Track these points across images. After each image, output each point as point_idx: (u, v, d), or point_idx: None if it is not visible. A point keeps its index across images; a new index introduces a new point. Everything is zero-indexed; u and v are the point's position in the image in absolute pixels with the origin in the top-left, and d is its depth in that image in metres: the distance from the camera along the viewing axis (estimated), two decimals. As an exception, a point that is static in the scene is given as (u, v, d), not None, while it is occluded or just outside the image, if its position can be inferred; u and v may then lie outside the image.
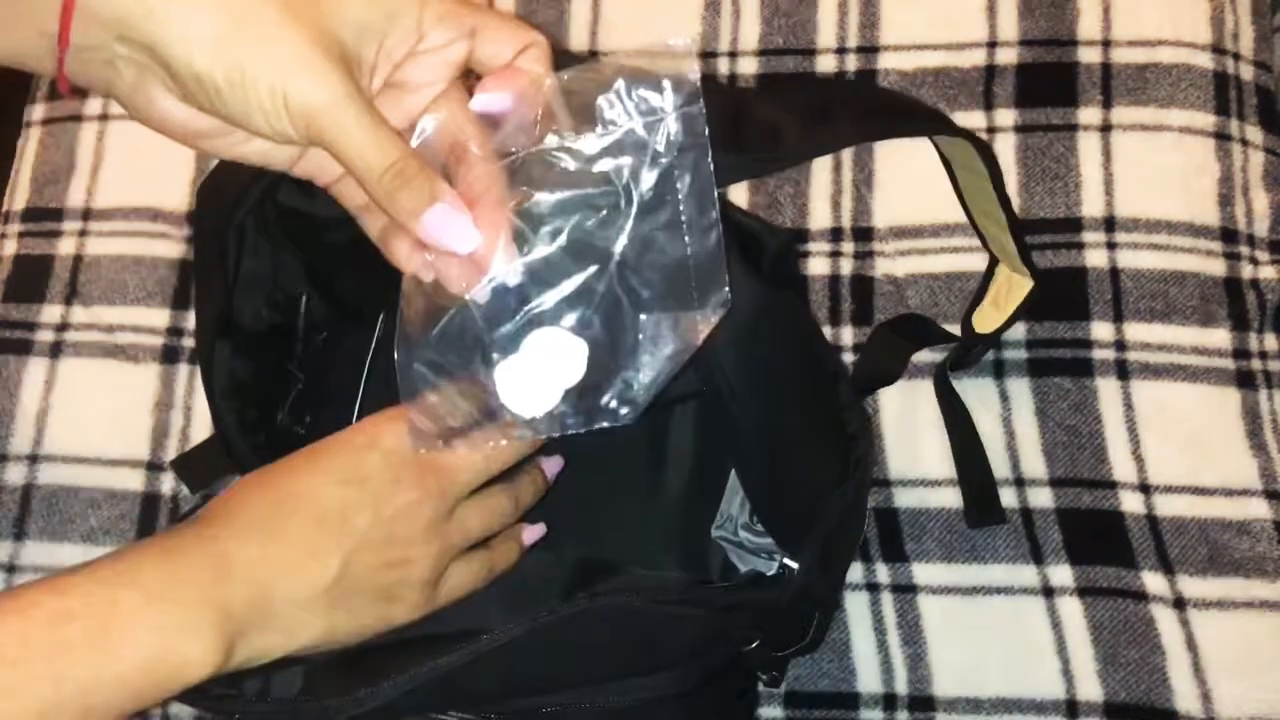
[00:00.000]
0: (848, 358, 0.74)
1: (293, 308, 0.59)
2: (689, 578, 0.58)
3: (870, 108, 0.51)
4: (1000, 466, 0.70)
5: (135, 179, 0.83)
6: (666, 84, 0.40)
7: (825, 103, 0.49)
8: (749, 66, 0.81)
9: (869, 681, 0.68)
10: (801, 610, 0.56)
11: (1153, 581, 0.67)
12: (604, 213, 0.42)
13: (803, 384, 0.51)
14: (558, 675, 0.51)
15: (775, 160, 0.46)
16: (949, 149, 0.57)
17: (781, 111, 0.47)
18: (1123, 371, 0.71)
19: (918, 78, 0.79)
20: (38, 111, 0.86)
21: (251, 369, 0.54)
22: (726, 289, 0.42)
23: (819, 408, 0.53)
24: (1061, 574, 0.68)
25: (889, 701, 0.67)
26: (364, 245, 0.46)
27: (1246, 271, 0.73)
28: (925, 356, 0.73)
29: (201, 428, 0.76)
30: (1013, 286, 0.67)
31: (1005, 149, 0.76)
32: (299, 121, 0.40)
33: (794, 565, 0.51)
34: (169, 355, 0.78)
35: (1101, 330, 0.72)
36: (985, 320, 0.69)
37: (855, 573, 0.69)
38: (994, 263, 0.69)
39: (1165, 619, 0.66)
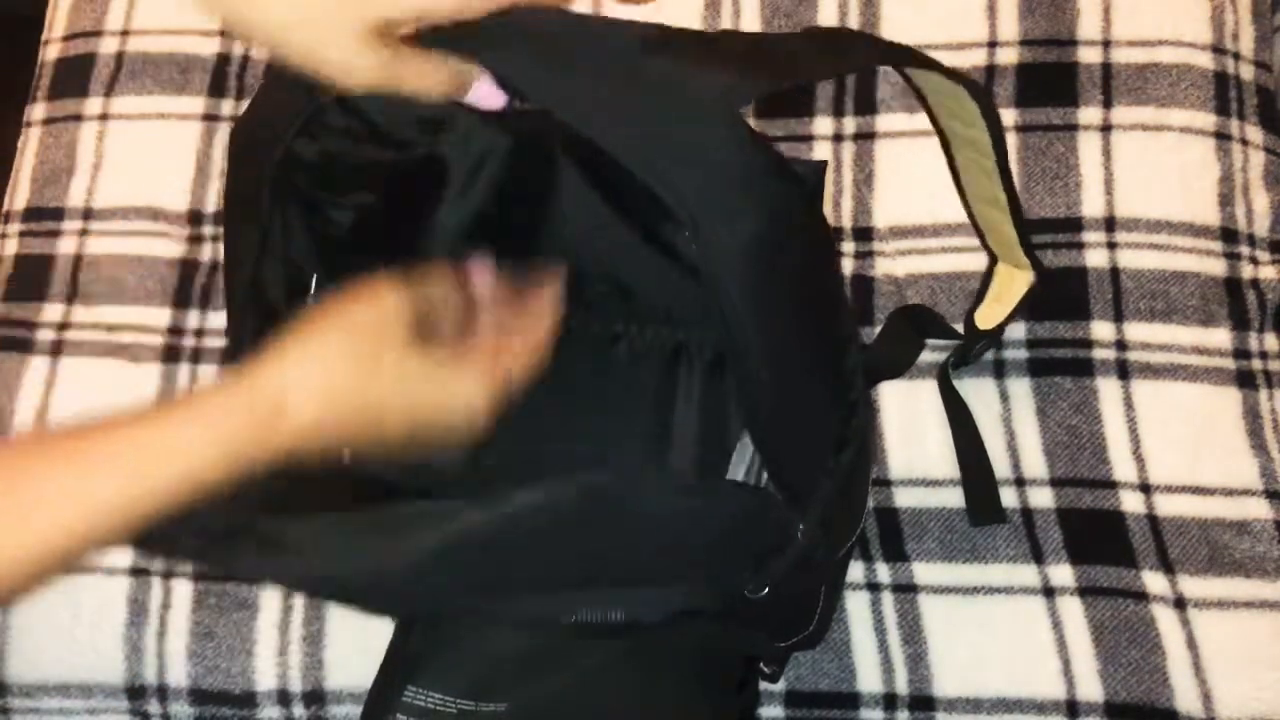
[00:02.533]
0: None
1: (302, 288, 0.60)
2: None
3: (879, 44, 0.52)
4: (1001, 466, 0.70)
5: (135, 179, 0.83)
6: None
7: (837, 37, 0.50)
8: (749, 66, 0.81)
9: (869, 681, 0.68)
10: (805, 581, 0.56)
11: (1153, 581, 0.67)
12: None
13: (817, 321, 0.51)
14: (557, 565, 0.49)
15: (793, 75, 0.47)
16: (949, 120, 0.56)
17: (798, 43, 0.48)
18: (1123, 371, 0.71)
19: (918, 78, 0.79)
20: (38, 111, 0.86)
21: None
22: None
23: (827, 356, 0.53)
24: (1062, 574, 0.68)
25: (889, 701, 0.67)
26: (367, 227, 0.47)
27: (1247, 271, 0.73)
28: (927, 356, 0.73)
29: (202, 427, 0.76)
30: (1014, 281, 0.67)
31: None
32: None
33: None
34: (170, 354, 0.78)
35: (1102, 330, 0.72)
36: (988, 317, 0.69)
37: (856, 572, 0.69)
38: (994, 260, 0.69)
39: (1166, 619, 0.66)
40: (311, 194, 0.56)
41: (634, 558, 0.48)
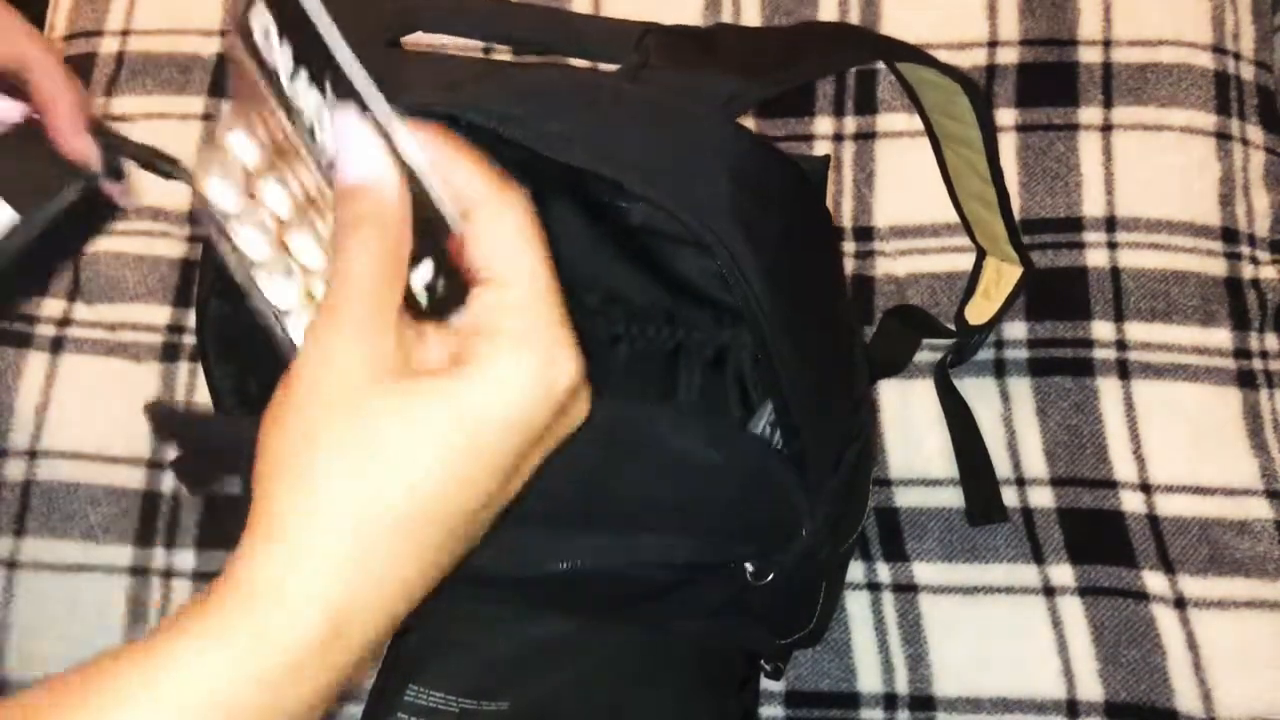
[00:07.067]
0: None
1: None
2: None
3: (875, 38, 0.52)
4: (1001, 466, 0.70)
5: (136, 178, 0.83)
6: None
7: (835, 31, 0.51)
8: (750, 66, 0.81)
9: (869, 681, 0.68)
10: (807, 579, 0.55)
11: (1153, 581, 0.67)
12: None
13: (831, 314, 0.51)
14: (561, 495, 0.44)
15: (794, 76, 0.47)
16: (939, 117, 0.56)
17: (796, 39, 0.49)
18: (1124, 371, 0.71)
19: (918, 77, 0.79)
20: (39, 110, 0.86)
21: (243, 326, 0.53)
22: None
23: (842, 348, 0.53)
24: (1062, 573, 0.68)
25: (889, 701, 0.67)
26: None
27: (1247, 271, 0.73)
28: (924, 355, 0.73)
29: (202, 426, 0.76)
30: (1002, 276, 0.67)
31: (1006, 149, 0.76)
32: None
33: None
34: (169, 353, 0.78)
35: (1102, 330, 0.72)
36: (978, 312, 0.69)
37: (856, 572, 0.69)
38: (982, 254, 0.69)
39: (1166, 619, 0.66)
40: None
41: (648, 496, 0.46)
